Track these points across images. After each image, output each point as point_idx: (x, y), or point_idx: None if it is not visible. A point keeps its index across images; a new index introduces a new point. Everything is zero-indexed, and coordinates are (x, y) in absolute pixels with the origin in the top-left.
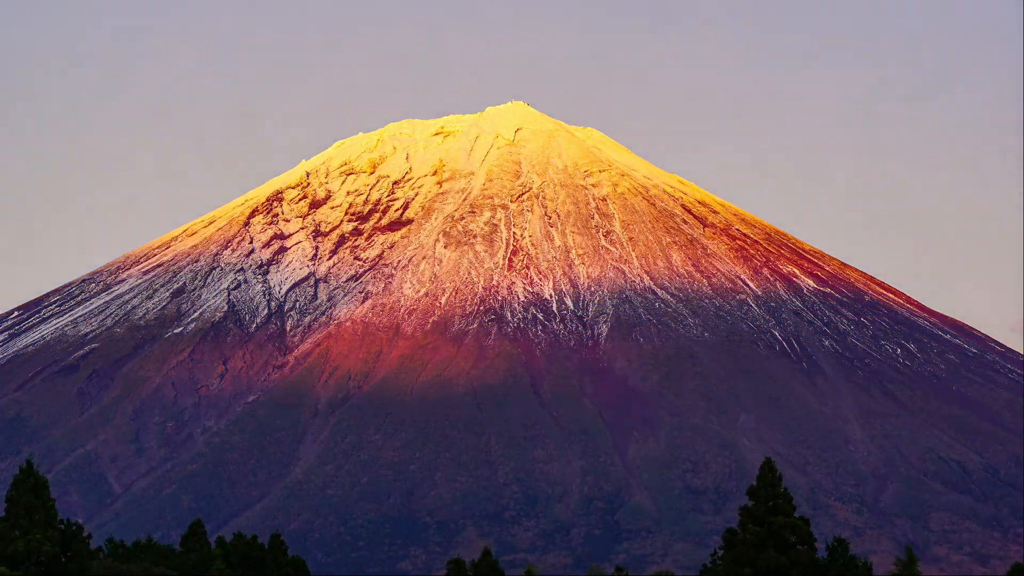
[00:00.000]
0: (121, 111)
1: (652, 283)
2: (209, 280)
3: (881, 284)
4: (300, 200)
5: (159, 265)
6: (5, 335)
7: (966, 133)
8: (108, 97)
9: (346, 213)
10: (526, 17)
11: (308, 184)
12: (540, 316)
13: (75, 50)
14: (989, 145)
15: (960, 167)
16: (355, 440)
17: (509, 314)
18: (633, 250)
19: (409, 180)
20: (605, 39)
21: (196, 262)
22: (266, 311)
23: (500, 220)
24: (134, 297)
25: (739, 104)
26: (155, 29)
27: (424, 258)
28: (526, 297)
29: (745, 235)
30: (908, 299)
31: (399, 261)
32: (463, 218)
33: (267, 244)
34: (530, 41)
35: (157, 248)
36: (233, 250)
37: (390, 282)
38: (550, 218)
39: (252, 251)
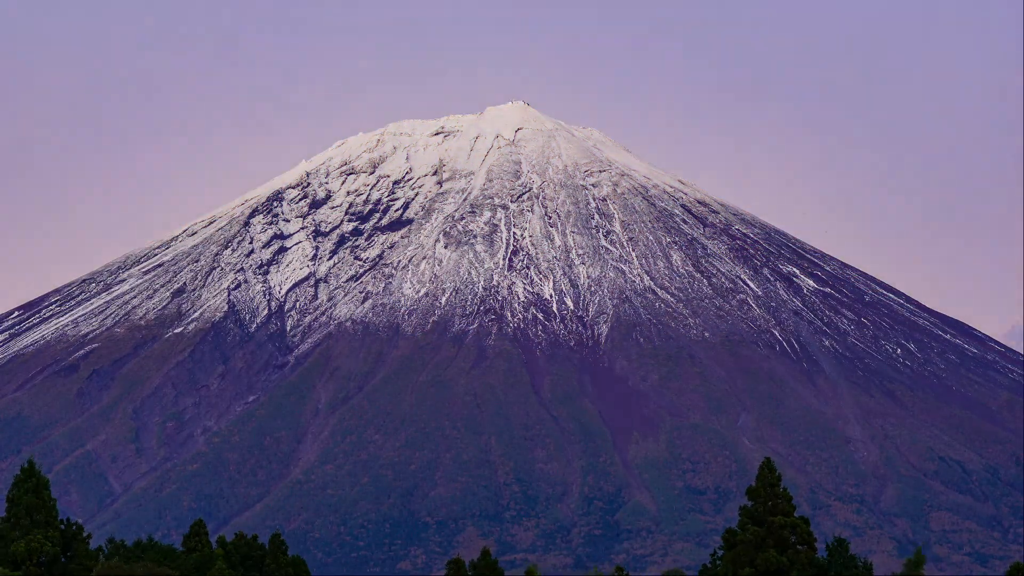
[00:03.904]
0: (122, 111)
1: (652, 283)
2: (209, 280)
3: (881, 284)
4: (300, 200)
5: (159, 265)
6: (5, 335)
7: (966, 133)
8: (109, 97)
9: (346, 213)
10: (526, 17)
11: (308, 184)
12: (540, 316)
13: (75, 51)
14: (989, 145)
15: (960, 167)
16: (355, 440)
17: (509, 314)
18: (633, 250)
19: (409, 180)
20: (605, 39)
21: (196, 262)
22: (266, 311)
23: (500, 220)
24: (134, 297)
25: (739, 104)
26: (155, 30)
27: (424, 258)
28: (526, 297)
29: (745, 235)
30: (908, 299)
31: (399, 261)
32: (463, 218)
33: (267, 244)
34: (530, 41)
35: (157, 248)
36: (233, 250)
37: (390, 282)
38: (550, 218)
39: (252, 251)
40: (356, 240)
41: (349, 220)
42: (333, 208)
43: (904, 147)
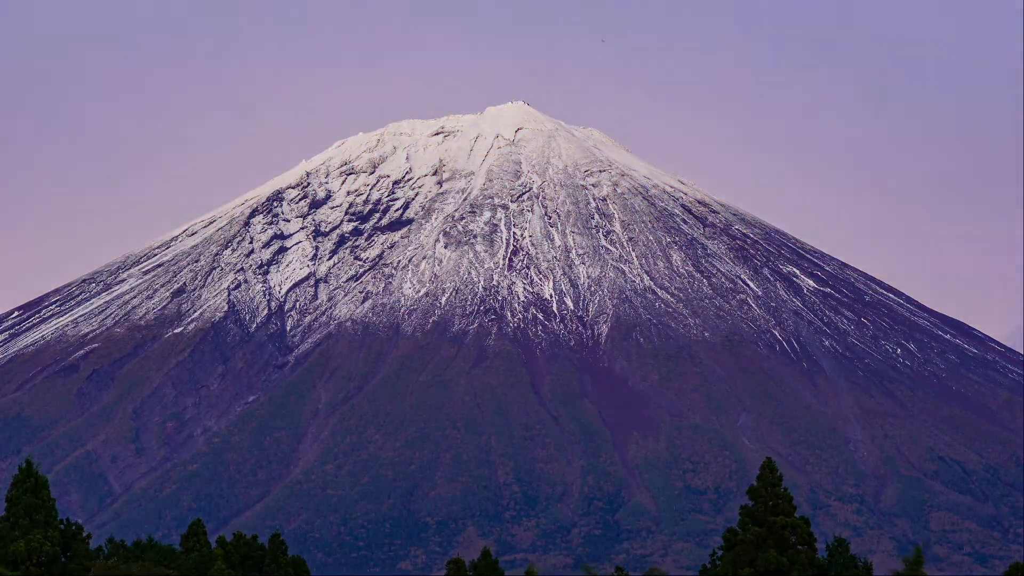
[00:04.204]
0: (121, 111)
1: (652, 283)
2: (209, 280)
3: (881, 284)
4: (300, 200)
5: (159, 265)
6: (5, 335)
7: (966, 133)
8: (108, 97)
9: (346, 213)
10: (526, 18)
11: (308, 184)
12: (540, 316)
13: (75, 51)
14: (989, 145)
15: (960, 168)
16: (355, 440)
17: (509, 314)
18: (633, 250)
19: (409, 180)
20: (605, 39)
21: (196, 262)
22: (266, 311)
23: (500, 220)
24: (134, 297)
25: (739, 104)
26: (155, 30)
27: (424, 258)
28: (526, 297)
29: (745, 235)
30: (908, 299)
31: (399, 261)
32: (463, 218)
33: (267, 244)
34: (530, 41)
35: (157, 248)
36: (233, 250)
37: (390, 282)
38: (550, 218)
39: (252, 251)
40: (356, 240)
41: (349, 220)
42: (333, 208)
43: (904, 147)
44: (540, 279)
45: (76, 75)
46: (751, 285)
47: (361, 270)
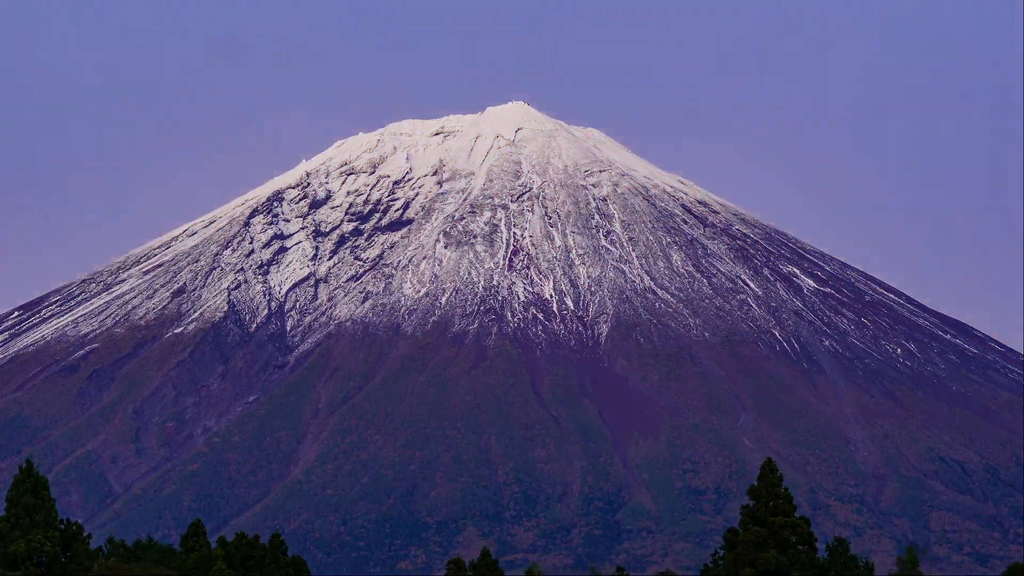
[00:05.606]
0: (121, 111)
1: (652, 283)
2: (209, 280)
3: (881, 284)
4: (300, 200)
5: (159, 265)
6: (5, 335)
7: (966, 133)
8: (108, 97)
9: (346, 213)
10: (526, 17)
11: (308, 184)
12: (540, 316)
13: (75, 50)
14: (989, 145)
15: (961, 167)
16: (355, 440)
17: (509, 314)
18: (633, 250)
19: (409, 180)
20: (605, 39)
21: (196, 262)
22: (266, 311)
23: (500, 220)
24: (134, 297)
25: (739, 104)
26: (155, 29)
27: (424, 258)
28: (526, 297)
29: (745, 235)
30: (908, 299)
31: (399, 261)
32: (463, 218)
33: (267, 244)
34: (530, 41)
35: (157, 248)
36: (233, 250)
37: (390, 282)
38: (550, 218)
39: (252, 251)
40: (356, 240)
41: (349, 220)
42: (333, 208)
43: (905, 147)
44: (540, 279)
45: (76, 74)
46: (751, 285)
47: (361, 270)
